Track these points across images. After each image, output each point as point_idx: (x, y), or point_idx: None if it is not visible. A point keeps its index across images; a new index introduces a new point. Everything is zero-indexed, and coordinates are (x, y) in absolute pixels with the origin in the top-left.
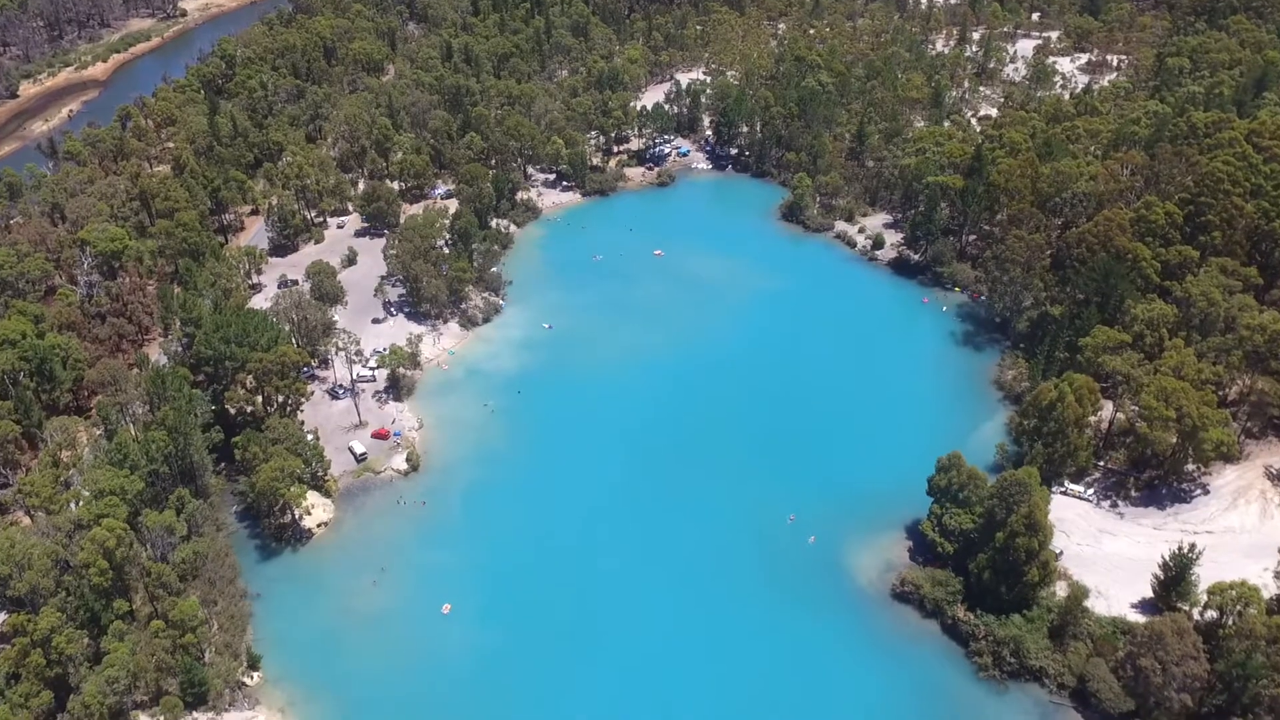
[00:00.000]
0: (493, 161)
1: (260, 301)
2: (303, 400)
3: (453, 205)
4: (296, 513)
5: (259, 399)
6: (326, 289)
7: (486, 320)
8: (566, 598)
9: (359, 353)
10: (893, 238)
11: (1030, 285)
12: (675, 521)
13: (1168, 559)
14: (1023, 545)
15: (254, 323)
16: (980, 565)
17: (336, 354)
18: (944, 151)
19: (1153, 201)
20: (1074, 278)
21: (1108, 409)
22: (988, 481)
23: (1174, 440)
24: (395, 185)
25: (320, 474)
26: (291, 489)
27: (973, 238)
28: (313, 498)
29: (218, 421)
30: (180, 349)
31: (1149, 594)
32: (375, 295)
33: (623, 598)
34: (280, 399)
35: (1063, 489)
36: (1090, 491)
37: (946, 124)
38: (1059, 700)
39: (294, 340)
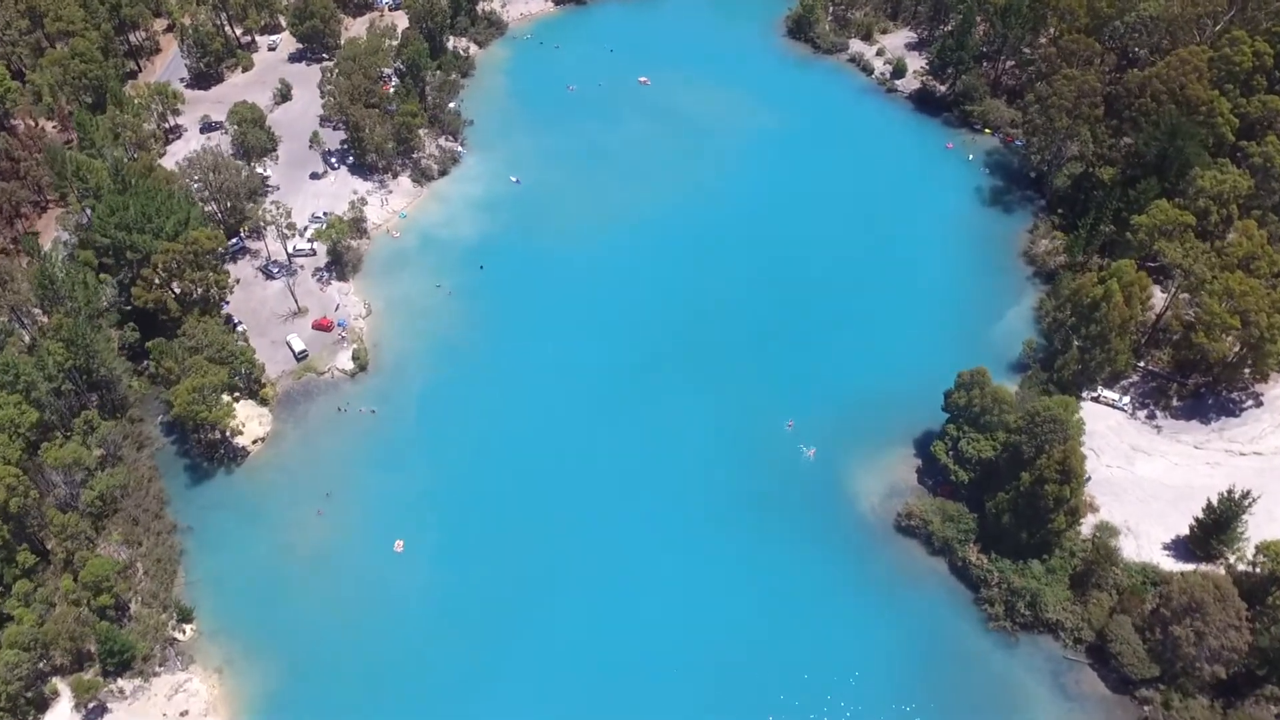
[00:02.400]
0: None
1: (180, 149)
2: (227, 293)
3: (403, 20)
4: (227, 430)
5: (171, 297)
6: (252, 141)
7: (443, 173)
8: (533, 530)
9: (291, 225)
10: (916, 62)
11: (1077, 134)
12: (658, 431)
13: (1214, 503)
14: (1052, 493)
15: (158, 201)
16: (999, 505)
17: (266, 228)
18: None
19: (1238, 36)
20: (1133, 134)
21: (1155, 295)
22: (1014, 404)
23: (1234, 350)
24: None
25: (254, 380)
26: (215, 409)
27: (1010, 63)
28: (247, 409)
29: (134, 314)
30: (84, 222)
31: (1186, 531)
32: (312, 147)
33: (596, 528)
34: (200, 291)
35: (1095, 395)
36: (1126, 400)
37: None
38: (1074, 657)
39: (216, 209)
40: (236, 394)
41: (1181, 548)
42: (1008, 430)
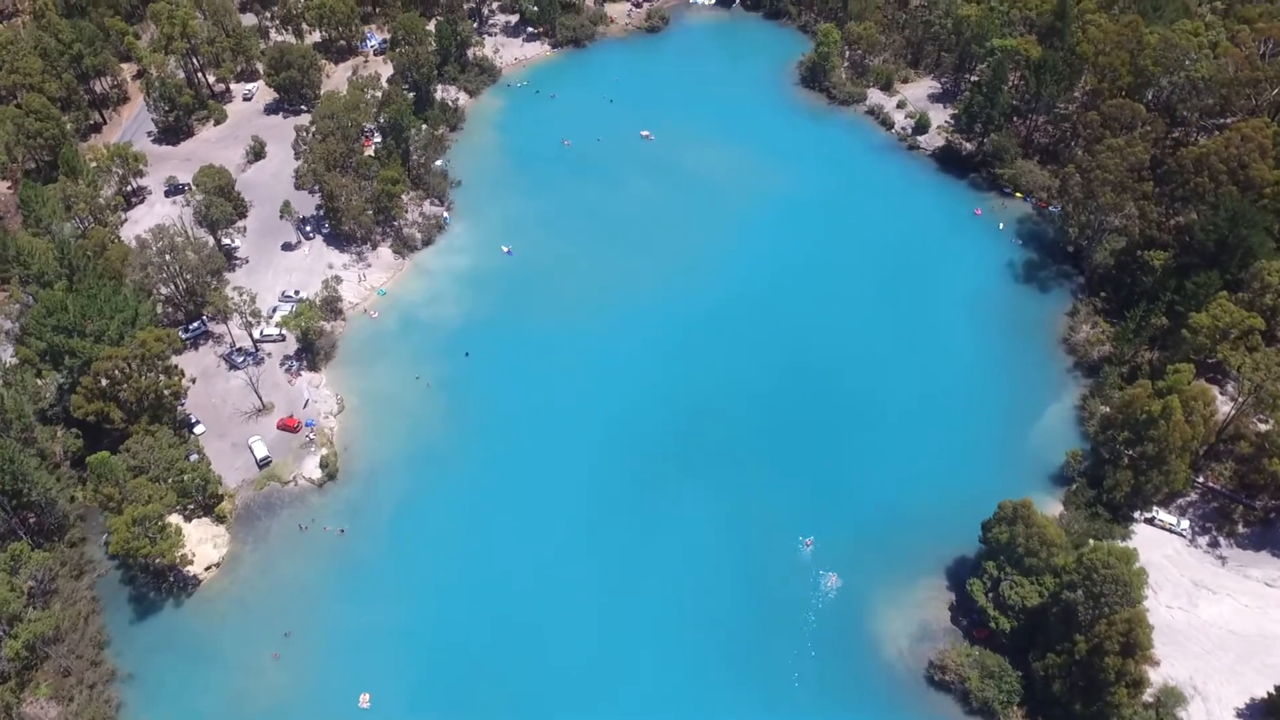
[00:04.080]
0: (440, 8)
1: (143, 215)
2: (181, 397)
3: (389, 67)
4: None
5: (115, 406)
6: (217, 214)
7: (428, 242)
8: (519, 681)
9: (256, 313)
10: (939, 116)
11: (1122, 208)
12: (658, 554)
13: None
14: (1113, 666)
15: (101, 299)
16: (1049, 669)
17: (228, 318)
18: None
19: None
20: (1187, 215)
21: (1215, 399)
22: (1063, 543)
23: None
24: (315, 36)
25: (210, 496)
26: (159, 542)
27: (1042, 119)
28: (200, 529)
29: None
30: (30, 303)
31: (1262, 694)
32: (282, 218)
33: (588, 676)
34: (150, 397)
35: (1149, 516)
36: (1184, 524)
37: None
38: None
39: (175, 290)
40: (191, 508)
41: (1258, 715)
42: (1056, 574)
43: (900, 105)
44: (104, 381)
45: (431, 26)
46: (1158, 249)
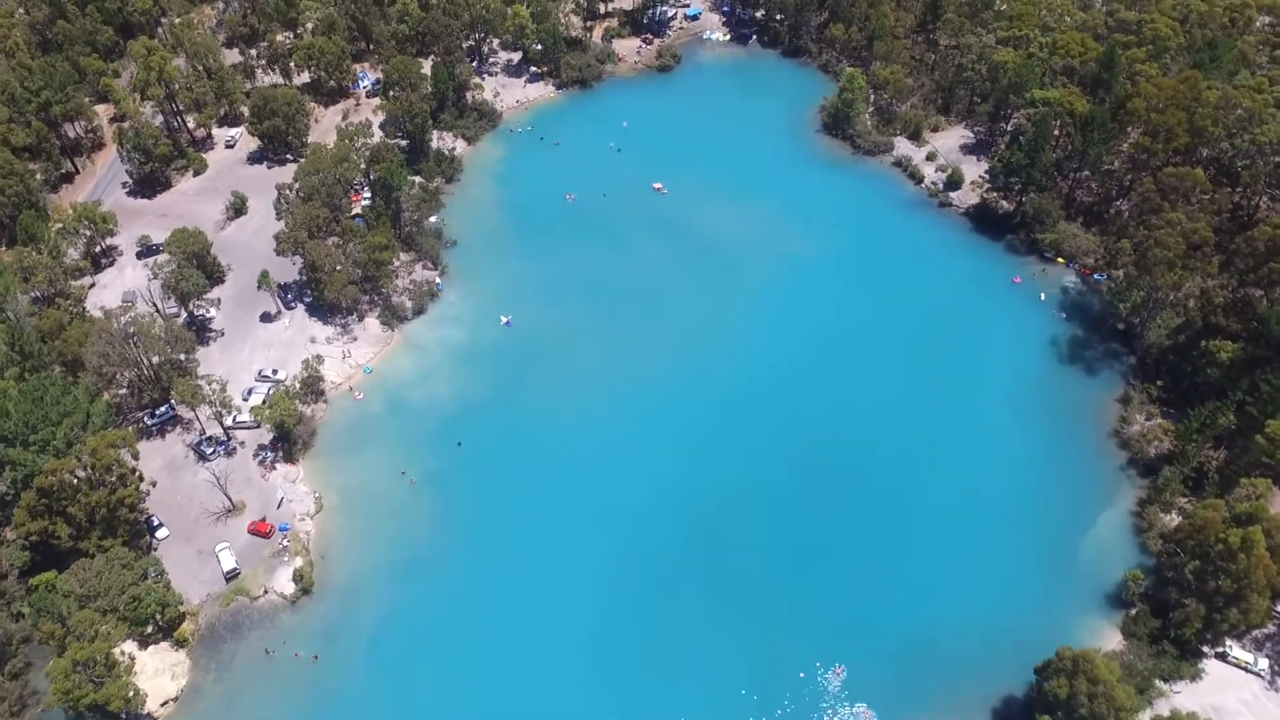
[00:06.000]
0: (436, 49)
1: (113, 280)
2: (139, 501)
3: (379, 114)
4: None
5: (62, 523)
6: (189, 287)
7: (419, 311)
8: None
9: (226, 405)
10: (973, 169)
11: (1180, 287)
12: (667, 687)
13: None
14: None
15: (48, 402)
16: None
17: (196, 408)
18: (1055, 44)
19: None
20: (1260, 304)
21: None
22: (1132, 705)
23: None
24: (305, 76)
25: (169, 620)
26: (106, 687)
27: (1085, 174)
28: (158, 657)
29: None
30: None
31: None
32: (261, 289)
33: None
34: (102, 511)
35: (1221, 651)
36: (1263, 663)
37: None
38: None
39: (138, 375)
40: (149, 631)
41: None
42: None
43: (930, 157)
44: (46, 500)
45: (427, 68)
46: (1223, 337)
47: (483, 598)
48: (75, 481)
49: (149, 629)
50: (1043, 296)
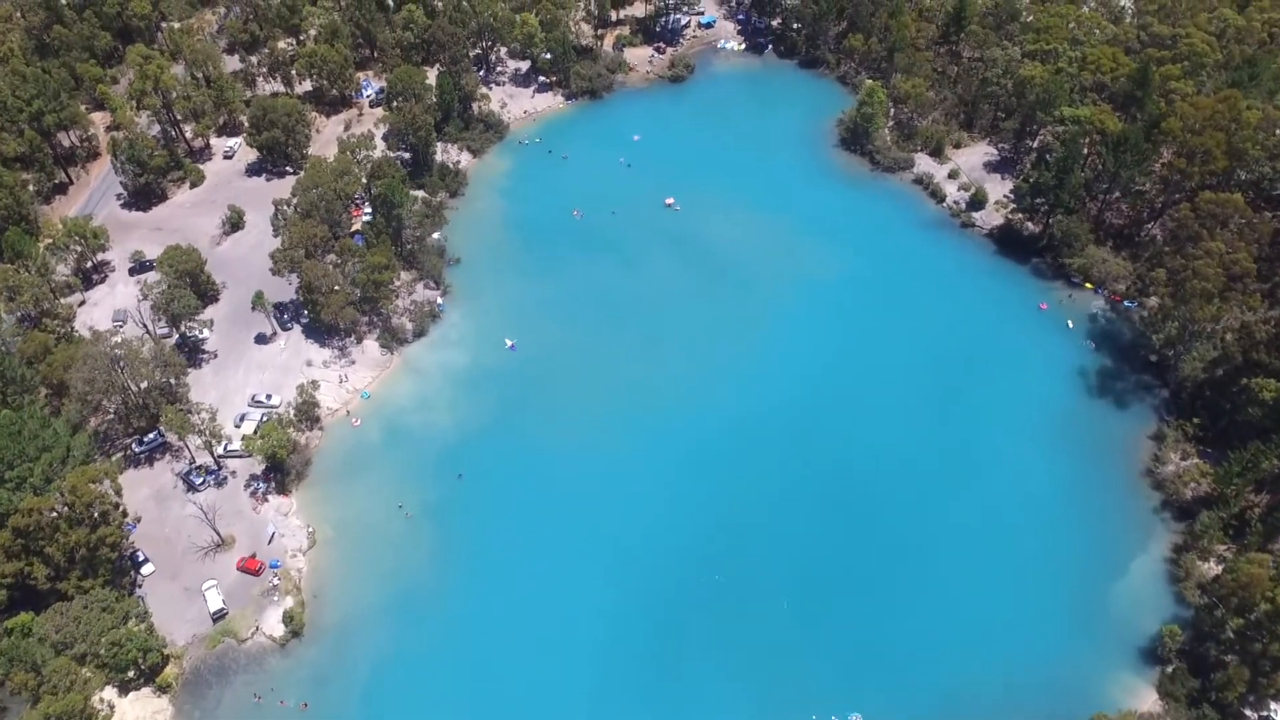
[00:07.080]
0: (442, 57)
1: (104, 297)
2: (121, 541)
3: (382, 130)
4: None
5: (39, 563)
6: (179, 308)
7: (420, 334)
8: None
9: (216, 435)
10: (997, 188)
11: (1218, 320)
12: None
13: None
14: None
15: (26, 436)
16: None
17: (184, 437)
18: (1085, 59)
19: None
20: None
21: None
22: None
23: None
24: (307, 84)
25: (151, 665)
26: None
27: (1115, 195)
28: (139, 704)
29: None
30: None
31: None
32: (255, 310)
33: None
34: (82, 551)
35: (1267, 715)
36: None
37: (1087, 6)
38: None
39: (126, 402)
40: (130, 676)
41: None
42: None
43: (952, 175)
44: (22, 540)
45: (432, 78)
46: (1266, 374)
47: (482, 640)
48: (54, 519)
49: (130, 674)
50: (1070, 324)
